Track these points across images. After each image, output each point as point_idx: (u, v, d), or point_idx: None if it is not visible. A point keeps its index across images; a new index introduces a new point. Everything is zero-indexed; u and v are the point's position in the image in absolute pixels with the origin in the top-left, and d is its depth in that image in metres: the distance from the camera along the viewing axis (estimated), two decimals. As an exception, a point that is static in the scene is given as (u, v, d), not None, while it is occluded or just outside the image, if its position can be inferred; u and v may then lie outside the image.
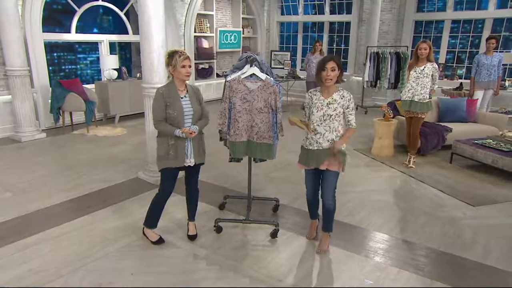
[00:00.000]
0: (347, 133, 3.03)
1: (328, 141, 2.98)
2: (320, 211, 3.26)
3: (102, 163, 5.30)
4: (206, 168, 3.65)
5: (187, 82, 3.09)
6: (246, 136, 3.28)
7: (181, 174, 3.27)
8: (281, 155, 5.37)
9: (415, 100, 4.96)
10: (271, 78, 3.23)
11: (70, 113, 7.02)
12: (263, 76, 3.17)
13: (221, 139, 3.55)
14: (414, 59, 5.03)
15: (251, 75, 3.19)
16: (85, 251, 3.11)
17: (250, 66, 3.20)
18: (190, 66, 2.97)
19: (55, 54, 8.34)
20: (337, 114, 2.94)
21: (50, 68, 7.99)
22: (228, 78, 3.28)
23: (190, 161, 3.08)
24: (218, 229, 3.42)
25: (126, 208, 3.94)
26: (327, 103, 2.94)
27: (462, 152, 5.29)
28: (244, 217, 3.57)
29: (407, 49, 8.88)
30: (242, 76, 3.18)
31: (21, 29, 6.20)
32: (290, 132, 3.50)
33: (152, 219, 3.24)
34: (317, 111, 2.97)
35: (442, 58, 9.54)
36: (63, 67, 8.59)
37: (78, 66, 9.07)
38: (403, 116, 5.68)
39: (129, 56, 9.80)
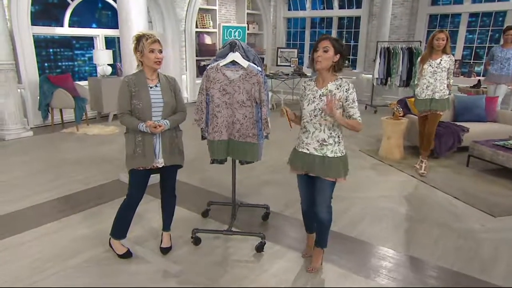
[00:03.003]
0: (350, 120, 2.39)
1: (318, 141, 2.44)
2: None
3: (86, 163, 4.93)
4: (192, 170, 3.22)
5: (159, 71, 2.69)
6: (227, 134, 2.83)
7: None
8: (275, 157, 4.91)
9: (436, 97, 4.46)
10: (256, 66, 2.76)
11: (60, 111, 6.68)
12: (245, 63, 2.69)
13: (202, 137, 3.11)
14: (428, 51, 4.50)
15: (232, 63, 2.73)
16: (42, 265, 2.71)
17: (232, 52, 2.75)
18: (160, 51, 2.57)
19: (51, 50, 8.02)
20: None
21: (46, 64, 7.68)
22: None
23: (158, 162, 2.66)
24: (196, 241, 2.98)
25: (100, 213, 3.55)
26: (319, 95, 2.42)
27: (480, 154, 4.75)
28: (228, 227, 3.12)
29: (420, 45, 8.32)
30: (221, 64, 2.72)
31: (6, 21, 5.86)
32: (285, 130, 3.00)
33: (119, 229, 2.82)
34: (307, 105, 2.46)
35: (458, 54, 8.92)
36: (60, 63, 8.28)
37: (76, 63, 8.76)
38: (415, 115, 5.16)
39: (128, 52, 9.46)
